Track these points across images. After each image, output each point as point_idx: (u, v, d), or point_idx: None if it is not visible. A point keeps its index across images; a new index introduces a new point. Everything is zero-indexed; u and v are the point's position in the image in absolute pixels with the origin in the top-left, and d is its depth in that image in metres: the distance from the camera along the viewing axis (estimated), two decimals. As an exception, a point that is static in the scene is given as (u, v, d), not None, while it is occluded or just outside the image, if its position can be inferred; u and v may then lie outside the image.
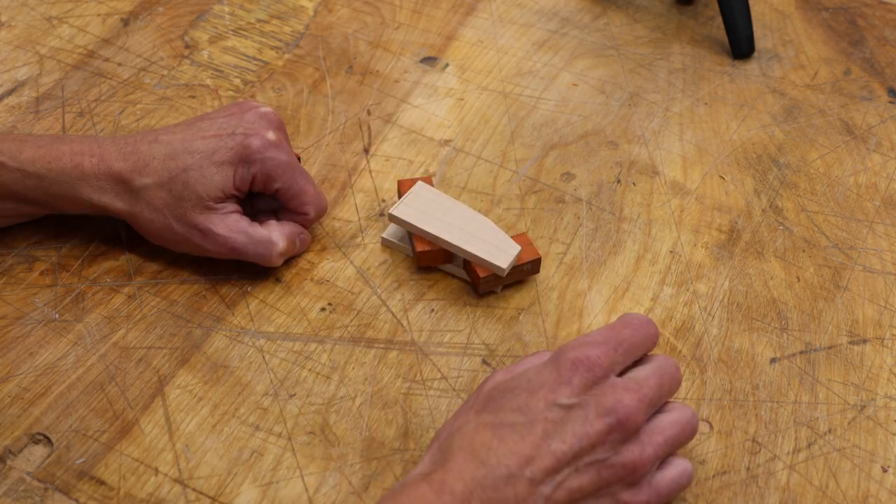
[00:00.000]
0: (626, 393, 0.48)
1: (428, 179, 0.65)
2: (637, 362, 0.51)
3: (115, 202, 0.59)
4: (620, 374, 0.50)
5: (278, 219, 0.63)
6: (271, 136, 0.60)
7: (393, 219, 0.62)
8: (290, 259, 0.63)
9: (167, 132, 0.60)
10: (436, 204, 0.62)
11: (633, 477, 0.48)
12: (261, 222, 0.61)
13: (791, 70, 0.79)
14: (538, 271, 0.62)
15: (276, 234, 0.60)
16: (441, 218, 0.61)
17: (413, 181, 0.64)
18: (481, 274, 0.60)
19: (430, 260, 0.62)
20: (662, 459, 0.50)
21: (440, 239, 0.60)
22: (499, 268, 0.59)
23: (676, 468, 0.50)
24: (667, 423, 0.50)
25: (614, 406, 0.47)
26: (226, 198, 0.59)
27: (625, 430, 0.47)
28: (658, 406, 0.50)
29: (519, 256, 0.60)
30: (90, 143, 0.59)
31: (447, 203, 0.62)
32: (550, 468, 0.46)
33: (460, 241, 0.60)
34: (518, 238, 0.62)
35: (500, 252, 0.60)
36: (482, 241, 0.60)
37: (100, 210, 0.60)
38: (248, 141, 0.59)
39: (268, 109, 0.62)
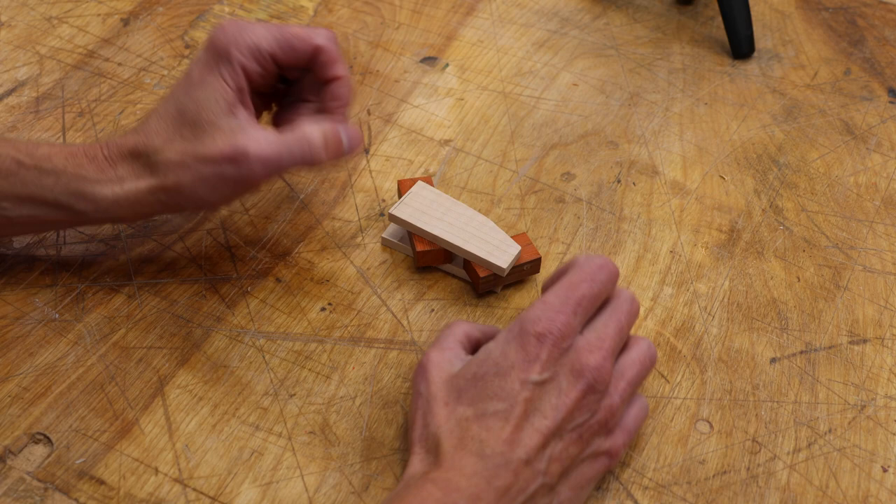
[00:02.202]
0: (591, 354, 0.49)
1: (428, 179, 0.65)
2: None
3: (138, 183, 0.55)
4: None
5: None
6: (231, 22, 0.56)
7: (393, 219, 0.62)
8: (290, 259, 0.63)
9: (153, 108, 0.57)
10: (436, 204, 0.62)
11: (608, 427, 0.50)
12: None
13: (791, 70, 0.79)
14: (538, 271, 0.62)
15: (307, 128, 0.55)
16: (441, 218, 0.61)
17: (413, 181, 0.64)
18: (481, 274, 0.60)
19: (430, 260, 0.62)
20: (629, 401, 0.52)
21: (440, 239, 0.60)
22: (499, 268, 0.59)
23: (637, 406, 0.53)
24: (627, 365, 0.52)
25: (583, 370, 0.49)
26: (233, 106, 0.54)
27: (597, 391, 0.49)
28: (620, 347, 0.52)
29: (519, 256, 0.60)
30: (100, 141, 0.57)
31: (447, 203, 0.62)
32: (539, 445, 0.48)
33: (460, 240, 0.60)
34: (518, 238, 0.62)
35: (500, 252, 0.60)
36: (482, 241, 0.60)
37: (127, 205, 0.55)
38: (211, 38, 0.55)
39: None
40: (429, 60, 0.78)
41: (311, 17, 0.81)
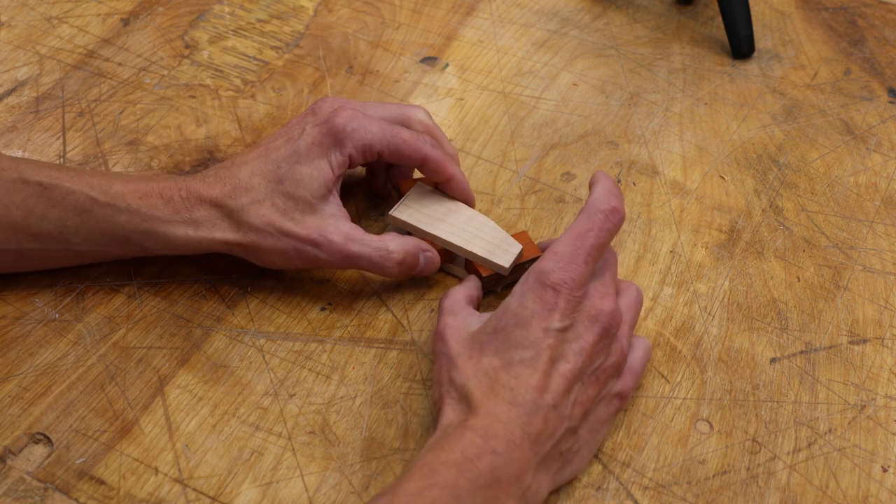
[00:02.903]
0: (603, 300, 0.52)
1: (428, 180, 0.65)
2: None
3: (213, 232, 0.56)
4: None
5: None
6: (348, 111, 0.57)
7: (392, 220, 0.61)
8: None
9: (240, 157, 0.58)
10: (436, 204, 0.62)
11: (619, 369, 0.53)
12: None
13: (791, 70, 0.79)
14: None
15: (391, 244, 0.58)
16: (442, 218, 0.61)
17: (413, 181, 0.64)
18: (484, 274, 0.60)
19: None
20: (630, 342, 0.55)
21: (441, 239, 0.60)
22: (501, 267, 0.59)
23: (641, 348, 0.56)
24: (625, 308, 0.55)
25: (598, 316, 0.52)
26: (329, 192, 0.57)
27: (610, 334, 0.52)
28: (616, 289, 0.55)
29: (520, 255, 0.60)
30: (175, 180, 0.57)
31: (447, 203, 0.62)
32: (564, 389, 0.50)
33: (461, 241, 0.60)
34: (518, 237, 0.62)
35: (501, 251, 0.60)
36: (484, 241, 0.60)
37: (197, 247, 0.57)
38: (331, 122, 0.57)
39: (320, 102, 0.60)
40: (429, 60, 0.78)
41: (311, 18, 0.81)
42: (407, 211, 0.61)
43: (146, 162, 0.68)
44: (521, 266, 0.61)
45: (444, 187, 0.62)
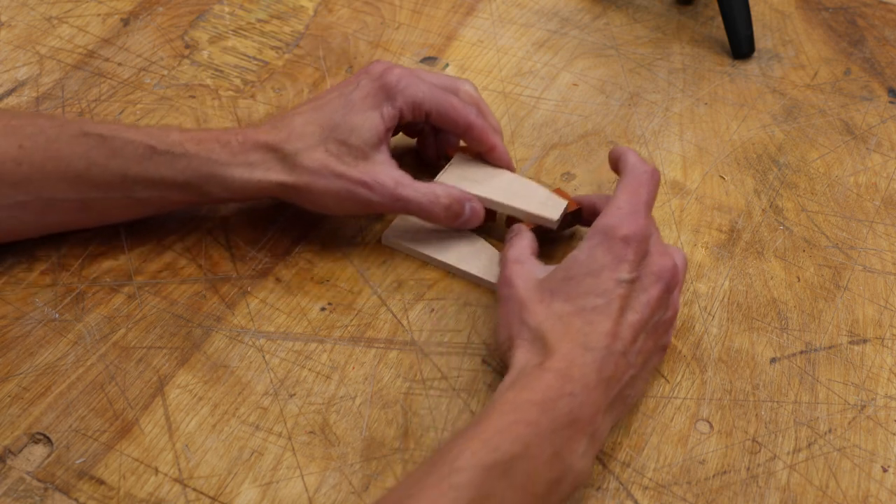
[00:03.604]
0: (662, 258, 0.54)
1: (471, 150, 0.67)
2: None
3: (268, 174, 0.58)
4: None
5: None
6: (399, 69, 0.60)
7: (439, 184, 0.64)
8: (290, 259, 0.63)
9: (294, 109, 0.61)
10: (480, 169, 0.64)
11: (673, 324, 0.56)
12: None
13: (791, 70, 0.79)
14: (581, 221, 0.64)
15: (439, 189, 0.60)
16: (486, 180, 0.64)
17: (462, 149, 0.66)
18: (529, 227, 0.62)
19: None
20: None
21: (488, 200, 0.63)
22: (550, 220, 0.61)
23: (674, 308, 0.57)
24: (677, 271, 0.56)
25: (662, 272, 0.54)
26: (380, 142, 0.59)
27: (671, 290, 0.54)
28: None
29: (566, 209, 0.63)
30: (229, 129, 0.60)
31: (490, 168, 0.65)
32: (632, 338, 0.52)
33: (508, 198, 0.63)
34: (557, 193, 0.64)
35: (548, 207, 0.62)
36: (530, 198, 0.63)
37: (253, 190, 0.59)
38: (384, 76, 0.60)
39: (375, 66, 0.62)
40: (429, 60, 0.78)
41: (311, 18, 0.81)
42: (452, 176, 0.63)
43: (146, 162, 0.68)
44: (564, 221, 0.62)
45: (486, 156, 0.64)
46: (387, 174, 0.59)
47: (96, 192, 0.59)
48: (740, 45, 0.79)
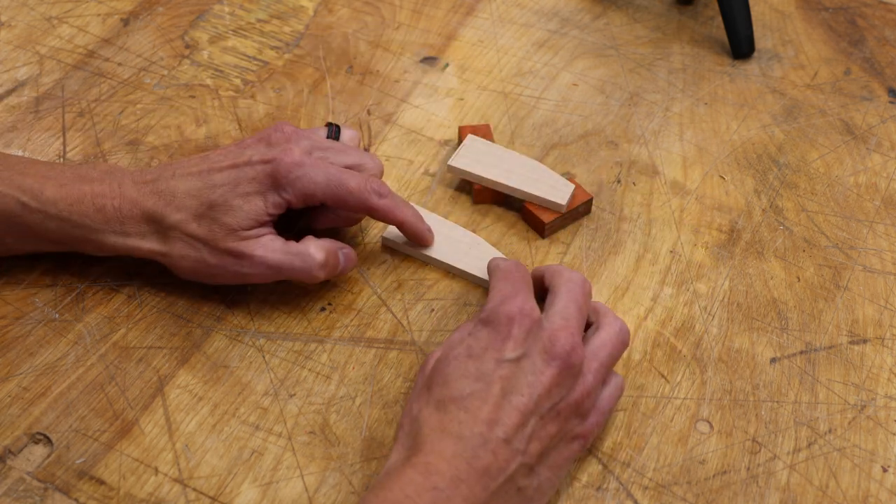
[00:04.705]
0: (560, 332, 0.51)
1: (486, 128, 0.69)
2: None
3: (142, 243, 0.57)
4: None
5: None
6: (296, 153, 0.57)
7: (452, 170, 0.66)
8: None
9: (182, 167, 0.58)
10: (491, 154, 0.67)
11: (584, 407, 0.51)
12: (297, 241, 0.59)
13: (791, 70, 0.79)
14: (589, 211, 0.67)
15: (313, 248, 0.57)
16: (497, 165, 0.66)
17: (473, 128, 0.69)
18: (546, 220, 0.64)
19: (487, 198, 0.67)
20: (604, 381, 0.53)
21: (500, 183, 0.65)
22: (558, 204, 0.64)
23: (612, 385, 0.54)
24: (599, 345, 0.53)
25: (554, 349, 0.50)
26: (259, 225, 0.57)
27: (571, 369, 0.50)
28: (584, 325, 0.54)
29: (574, 194, 0.65)
30: (110, 182, 0.58)
31: (499, 151, 0.67)
32: (518, 423, 0.48)
33: (518, 183, 0.65)
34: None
35: (556, 190, 0.65)
36: (539, 182, 0.65)
37: (125, 253, 0.58)
38: (275, 167, 0.57)
39: (271, 130, 0.60)
40: (429, 60, 0.78)
41: (311, 18, 0.81)
42: (464, 161, 0.66)
43: (146, 162, 0.68)
44: (575, 210, 0.65)
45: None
46: (260, 245, 0.57)
47: None
48: (740, 45, 0.79)
